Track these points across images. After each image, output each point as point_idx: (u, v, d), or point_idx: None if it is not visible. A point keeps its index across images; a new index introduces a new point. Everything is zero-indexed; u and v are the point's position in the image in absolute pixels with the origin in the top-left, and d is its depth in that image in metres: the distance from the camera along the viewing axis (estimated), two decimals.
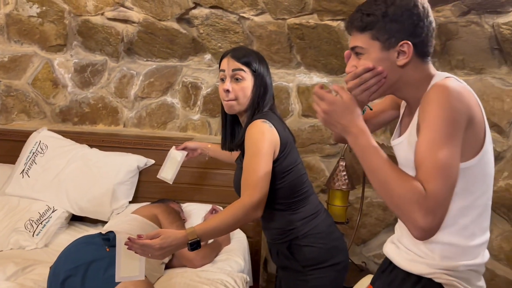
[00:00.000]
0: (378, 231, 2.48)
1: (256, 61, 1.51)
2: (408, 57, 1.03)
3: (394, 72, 1.06)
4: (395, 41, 1.03)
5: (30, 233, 2.03)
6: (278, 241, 1.52)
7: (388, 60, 1.04)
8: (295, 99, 2.57)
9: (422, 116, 0.99)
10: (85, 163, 2.30)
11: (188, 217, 2.24)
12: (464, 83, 1.05)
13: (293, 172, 1.47)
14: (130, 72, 2.68)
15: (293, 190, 1.47)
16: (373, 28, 1.04)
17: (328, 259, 1.47)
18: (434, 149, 0.94)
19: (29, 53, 2.68)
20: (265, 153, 1.38)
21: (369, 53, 1.05)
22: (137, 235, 1.20)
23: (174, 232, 1.24)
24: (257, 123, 1.42)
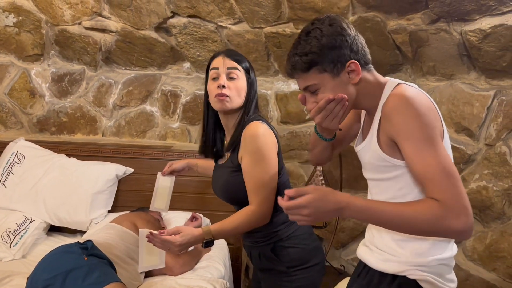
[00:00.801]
0: (356, 234, 2.52)
1: (248, 64, 1.53)
2: (359, 73, 1.11)
3: (351, 91, 1.12)
4: (341, 65, 1.10)
5: (7, 244, 2.00)
6: (261, 243, 1.53)
7: (342, 83, 1.11)
8: (273, 106, 2.61)
9: (393, 130, 1.04)
10: (63, 173, 2.28)
11: (167, 225, 2.23)
12: (415, 86, 1.11)
13: (283, 175, 1.50)
14: (108, 81, 2.68)
15: (281, 193, 1.49)
16: (317, 63, 1.09)
17: (310, 259, 1.50)
18: (425, 158, 0.99)
19: (6, 63, 2.66)
20: (270, 157, 1.40)
21: (324, 85, 1.11)
22: (159, 231, 1.31)
23: (192, 230, 1.35)
24: (256, 124, 1.42)
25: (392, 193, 1.10)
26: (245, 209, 1.42)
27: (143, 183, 2.41)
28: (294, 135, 2.57)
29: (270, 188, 1.41)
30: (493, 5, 2.00)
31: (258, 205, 1.40)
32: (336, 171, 2.45)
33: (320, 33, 1.10)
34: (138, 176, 2.42)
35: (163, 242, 1.31)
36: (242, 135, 1.43)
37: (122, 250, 1.81)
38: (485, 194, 2.26)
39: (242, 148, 1.43)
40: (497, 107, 2.23)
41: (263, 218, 1.42)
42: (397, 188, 1.09)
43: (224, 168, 1.53)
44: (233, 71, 1.47)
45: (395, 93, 1.07)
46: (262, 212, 1.40)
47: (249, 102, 1.50)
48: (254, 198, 1.41)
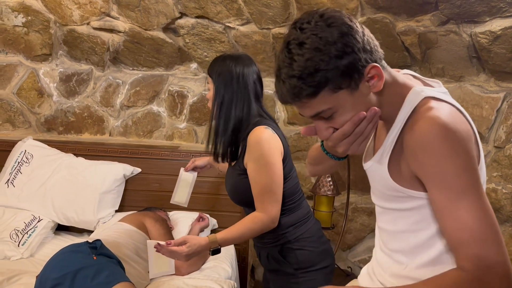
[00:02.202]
0: (363, 236, 2.51)
1: (216, 68, 1.49)
2: (382, 77, 0.86)
3: (373, 101, 0.88)
4: (359, 75, 0.84)
5: (16, 243, 2.01)
6: (269, 244, 1.53)
7: (363, 96, 0.86)
8: (280, 107, 2.60)
9: (420, 169, 0.84)
10: (71, 173, 2.29)
11: (175, 225, 2.24)
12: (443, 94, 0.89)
13: (291, 178, 1.50)
14: (116, 81, 2.68)
15: (290, 196, 1.50)
16: (328, 83, 0.82)
17: (319, 262, 1.51)
18: (460, 214, 0.78)
19: (14, 63, 2.67)
20: (274, 162, 1.40)
21: (342, 106, 0.85)
22: (166, 242, 1.33)
23: (198, 240, 1.36)
24: (260, 129, 1.42)
25: (404, 226, 0.91)
26: (251, 216, 1.42)
27: (150, 183, 2.41)
28: (301, 136, 2.56)
29: (275, 193, 1.41)
30: (503, 7, 1.99)
31: (264, 211, 1.40)
32: (343, 172, 2.44)
33: (319, 41, 0.82)
34: (145, 176, 2.42)
35: (171, 252, 1.33)
36: (247, 140, 1.43)
37: (131, 249, 1.81)
38: (494, 197, 2.25)
39: (247, 154, 1.44)
40: (507, 109, 2.21)
41: (270, 223, 1.42)
42: (411, 221, 0.90)
43: (233, 170, 1.54)
44: (207, 85, 1.54)
45: (425, 116, 0.82)
46: (268, 218, 1.40)
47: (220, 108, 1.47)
48: (260, 204, 1.41)
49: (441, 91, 0.91)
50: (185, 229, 2.20)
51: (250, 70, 1.49)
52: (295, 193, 1.52)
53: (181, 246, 1.32)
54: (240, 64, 1.48)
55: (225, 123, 1.47)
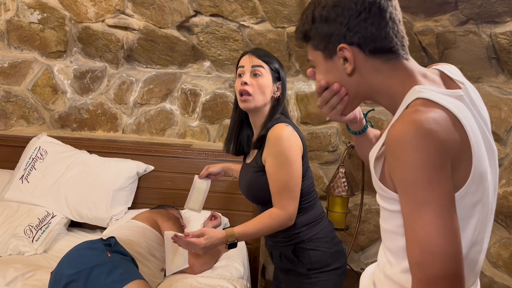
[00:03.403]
0: (376, 238, 2.49)
1: (276, 62, 1.53)
2: (351, 63, 0.87)
3: (349, 81, 0.90)
4: (333, 47, 0.88)
5: (30, 239, 2.02)
6: (282, 244, 1.53)
7: (336, 69, 0.90)
8: (293, 106, 2.59)
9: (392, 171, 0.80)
10: (84, 169, 2.30)
11: (187, 223, 2.23)
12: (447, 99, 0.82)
13: (307, 177, 1.50)
14: (129, 78, 2.69)
15: (305, 196, 1.49)
16: (310, 37, 0.92)
17: (332, 263, 1.50)
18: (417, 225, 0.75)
19: (29, 59, 2.69)
20: (294, 159, 1.40)
21: (317, 65, 0.93)
22: (184, 233, 1.33)
23: (216, 232, 1.35)
24: (281, 126, 1.42)
25: (393, 227, 0.88)
26: (268, 212, 1.42)
27: (163, 181, 2.41)
28: (314, 136, 2.55)
29: (293, 191, 1.41)
30: None
31: (281, 208, 1.40)
32: (357, 172, 2.42)
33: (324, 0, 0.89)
34: (158, 174, 2.43)
35: (188, 244, 1.33)
36: (267, 137, 1.43)
37: (144, 247, 1.81)
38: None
39: (266, 150, 1.43)
40: None
41: (287, 220, 1.41)
42: (397, 224, 0.86)
43: (249, 167, 1.53)
44: (257, 68, 1.48)
45: (405, 118, 0.78)
46: (286, 215, 1.40)
47: (280, 101, 1.51)
48: (277, 201, 1.41)
49: (453, 94, 0.85)
50: (197, 227, 2.20)
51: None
52: (310, 192, 1.51)
53: (199, 238, 1.32)
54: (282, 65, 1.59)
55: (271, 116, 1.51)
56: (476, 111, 0.88)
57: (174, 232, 1.36)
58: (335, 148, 2.53)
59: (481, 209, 0.85)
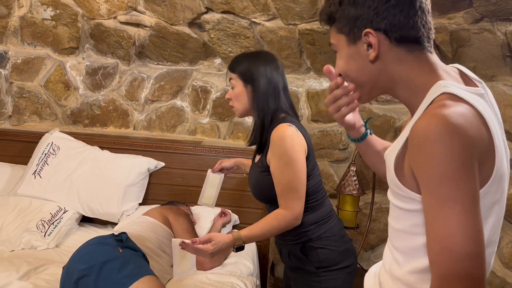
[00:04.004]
0: (386, 236, 2.46)
1: (244, 64, 1.50)
2: (375, 49, 0.84)
3: (370, 69, 0.87)
4: (358, 31, 0.85)
5: (42, 234, 2.04)
6: (291, 242, 1.53)
7: (359, 55, 0.87)
8: (304, 104, 2.58)
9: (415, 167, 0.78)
10: (96, 165, 2.31)
11: (197, 219, 2.24)
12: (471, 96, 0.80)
13: (314, 176, 1.50)
14: (141, 75, 2.70)
15: (312, 195, 1.49)
16: (335, 20, 0.89)
17: (340, 262, 1.49)
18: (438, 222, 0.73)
19: (42, 56, 2.71)
20: (297, 159, 1.40)
21: (339, 49, 0.90)
22: (191, 240, 1.34)
23: (223, 237, 1.37)
24: (284, 126, 1.41)
25: (405, 226, 0.86)
26: (274, 213, 1.42)
27: (173, 178, 2.42)
28: (325, 133, 2.54)
29: (299, 191, 1.41)
30: None
31: (287, 208, 1.40)
32: (368, 171, 2.41)
33: None
34: (169, 170, 2.44)
35: (196, 250, 1.35)
36: (270, 137, 1.44)
37: (154, 243, 1.82)
38: None
39: (270, 151, 1.44)
40: None
41: (293, 220, 1.42)
42: (410, 223, 0.84)
43: (256, 167, 1.54)
44: (230, 82, 1.53)
45: (432, 112, 0.76)
46: (291, 215, 1.41)
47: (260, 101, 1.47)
48: (283, 201, 1.42)
49: (476, 91, 0.83)
50: (207, 224, 2.20)
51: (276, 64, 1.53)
52: (317, 191, 1.51)
53: (206, 244, 1.34)
54: (269, 59, 1.53)
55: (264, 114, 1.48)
56: (494, 110, 0.87)
57: (181, 240, 1.37)
58: (346, 146, 2.51)
59: (498, 210, 0.83)
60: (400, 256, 0.89)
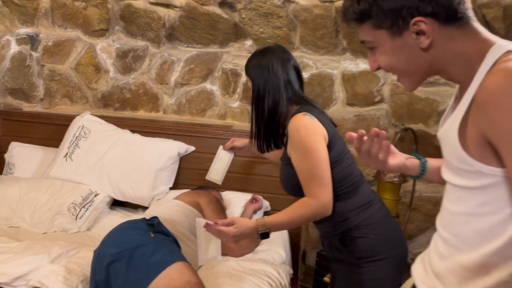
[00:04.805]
0: (426, 227, 2.35)
1: (249, 65, 1.52)
2: (429, 35, 0.80)
3: (422, 57, 0.83)
4: (404, 22, 0.81)
5: (73, 217, 2.03)
6: (330, 233, 1.47)
7: (407, 46, 0.83)
8: (339, 86, 2.47)
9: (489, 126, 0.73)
10: (127, 149, 2.29)
11: (228, 205, 2.19)
12: None
13: (341, 163, 1.43)
14: (171, 58, 2.64)
15: (342, 182, 1.42)
16: (371, 16, 0.84)
17: (383, 251, 1.41)
18: None
19: (73, 38, 2.69)
20: (315, 147, 1.35)
21: (380, 45, 0.86)
22: (214, 221, 1.30)
23: (246, 222, 1.33)
24: (298, 117, 1.39)
25: (468, 208, 0.80)
26: (300, 201, 1.37)
27: (203, 162, 2.36)
28: (361, 118, 2.42)
29: (322, 178, 1.34)
30: None
31: (313, 196, 1.35)
32: None
33: None
34: (199, 155, 2.39)
35: (218, 232, 1.31)
36: (288, 130, 1.41)
37: (186, 227, 1.78)
38: None
39: (289, 144, 1.41)
40: None
41: (320, 208, 1.34)
42: (477, 203, 0.79)
43: (282, 161, 1.52)
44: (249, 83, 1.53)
45: (500, 67, 0.73)
46: (318, 203, 1.34)
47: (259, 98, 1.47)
48: (308, 191, 1.36)
49: None
50: (238, 209, 2.15)
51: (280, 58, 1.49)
52: (346, 178, 1.43)
53: (229, 226, 1.30)
54: (268, 54, 1.50)
55: (261, 114, 1.47)
56: None
57: (206, 220, 1.34)
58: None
59: None
60: (463, 243, 0.83)
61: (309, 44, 2.45)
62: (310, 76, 2.47)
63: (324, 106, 2.48)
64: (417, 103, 2.30)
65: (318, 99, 2.48)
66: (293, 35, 2.45)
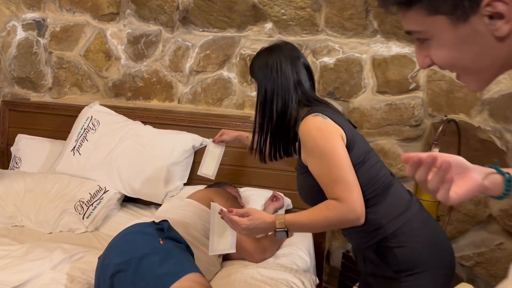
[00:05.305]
0: (467, 229, 2.13)
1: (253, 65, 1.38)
2: (510, 19, 0.61)
3: (497, 49, 0.64)
4: (472, 3, 0.62)
5: (80, 216, 1.89)
6: (363, 245, 1.28)
7: (476, 34, 0.64)
8: (369, 72, 2.24)
9: None
10: (138, 141, 2.13)
11: (246, 203, 2.02)
12: None
13: (364, 164, 1.25)
14: (185, 43, 2.46)
15: (368, 185, 1.24)
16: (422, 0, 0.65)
17: (426, 262, 1.21)
18: None
19: (81, 23, 2.53)
20: (331, 148, 1.19)
21: (437, 36, 0.67)
22: (228, 209, 1.21)
23: (263, 215, 1.21)
24: (308, 119, 1.24)
25: None
26: (326, 202, 1.19)
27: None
28: (393, 107, 2.20)
29: (346, 180, 1.16)
30: None
31: (340, 199, 1.17)
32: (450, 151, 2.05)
33: None
34: None
35: (231, 221, 1.21)
36: (299, 135, 1.27)
37: (199, 230, 1.62)
38: None
39: (302, 150, 1.27)
40: None
41: (349, 212, 1.16)
42: None
43: (297, 171, 1.35)
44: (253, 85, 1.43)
45: None
46: (345, 206, 1.16)
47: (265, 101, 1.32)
48: (332, 195, 1.19)
49: None
50: (257, 208, 1.97)
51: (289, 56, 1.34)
52: (372, 180, 1.25)
53: (243, 217, 1.19)
54: (276, 53, 1.34)
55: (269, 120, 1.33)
56: None
57: (221, 207, 1.23)
58: (419, 122, 2.16)
59: None
60: None
61: (336, 26, 2.23)
62: (336, 62, 2.26)
63: (351, 95, 2.27)
64: (457, 91, 2.06)
65: (344, 87, 2.27)
66: (317, 16, 2.23)
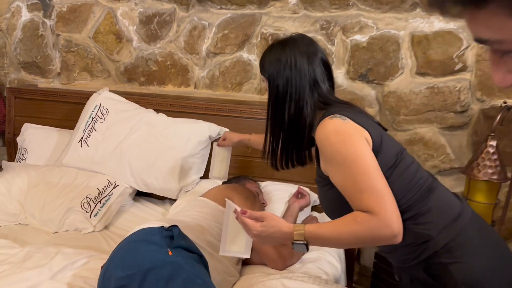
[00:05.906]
0: None
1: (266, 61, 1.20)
2: None
3: None
4: None
5: (87, 214, 1.74)
6: (409, 263, 1.07)
7: None
8: (407, 52, 1.98)
9: None
10: (151, 132, 1.95)
11: (268, 199, 1.83)
12: None
13: (396, 169, 1.06)
14: (201, 23, 2.24)
15: (404, 192, 1.04)
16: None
17: (490, 279, 1.00)
18: None
19: (90, 2, 2.34)
20: (355, 152, 1.01)
21: None
22: (241, 209, 1.08)
23: (279, 223, 1.05)
24: (325, 122, 1.08)
25: None
26: (353, 213, 1.00)
27: (239, 147, 1.99)
28: (436, 91, 1.94)
29: (374, 189, 0.97)
30: None
31: (371, 210, 0.97)
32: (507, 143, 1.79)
33: None
34: None
35: (243, 223, 1.07)
36: (316, 141, 1.10)
37: (216, 235, 1.43)
38: None
39: (321, 158, 1.11)
40: None
41: (381, 226, 0.96)
42: None
43: (318, 183, 1.20)
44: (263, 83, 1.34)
45: None
46: (377, 219, 0.96)
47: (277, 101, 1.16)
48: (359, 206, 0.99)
49: None
50: (280, 206, 1.78)
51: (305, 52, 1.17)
52: (409, 185, 1.05)
53: (256, 222, 1.05)
54: (290, 47, 1.17)
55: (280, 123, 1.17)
56: None
57: (236, 206, 1.10)
58: (466, 108, 1.90)
59: None
60: None
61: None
62: (369, 40, 2.01)
63: (387, 77, 2.02)
64: None
65: (379, 68, 2.01)
66: None
